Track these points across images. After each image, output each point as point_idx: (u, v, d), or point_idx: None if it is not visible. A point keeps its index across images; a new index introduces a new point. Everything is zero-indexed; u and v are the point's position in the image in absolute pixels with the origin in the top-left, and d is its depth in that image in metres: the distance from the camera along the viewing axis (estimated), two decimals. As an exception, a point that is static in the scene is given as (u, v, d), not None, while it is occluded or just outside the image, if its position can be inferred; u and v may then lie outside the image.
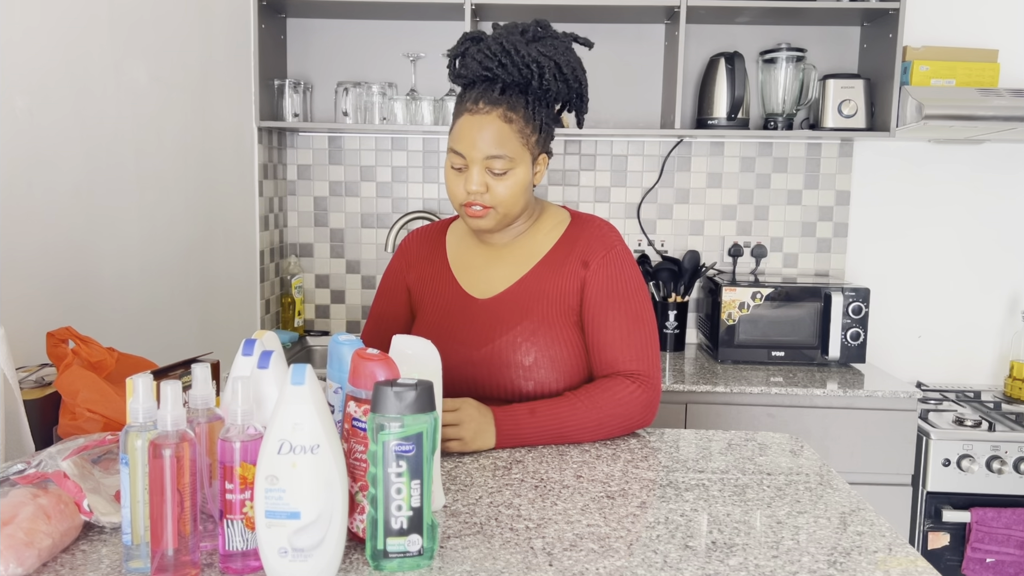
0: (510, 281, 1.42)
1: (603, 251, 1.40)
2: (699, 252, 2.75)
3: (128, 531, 0.86)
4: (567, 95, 1.37)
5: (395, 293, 1.53)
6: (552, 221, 1.46)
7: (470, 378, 1.39)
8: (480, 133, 1.30)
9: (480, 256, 1.46)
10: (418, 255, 1.52)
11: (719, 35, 2.68)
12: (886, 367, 2.74)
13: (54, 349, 1.24)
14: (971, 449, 2.18)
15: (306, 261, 2.84)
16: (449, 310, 1.44)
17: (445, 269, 1.48)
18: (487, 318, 1.40)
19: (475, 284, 1.45)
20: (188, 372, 1.12)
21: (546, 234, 1.45)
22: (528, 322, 1.38)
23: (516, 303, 1.40)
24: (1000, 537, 2.17)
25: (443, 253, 1.50)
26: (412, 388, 0.85)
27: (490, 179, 1.32)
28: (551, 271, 1.41)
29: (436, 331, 1.42)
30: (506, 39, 1.30)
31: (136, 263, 1.80)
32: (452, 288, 1.45)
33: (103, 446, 1.04)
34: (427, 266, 1.50)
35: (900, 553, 0.94)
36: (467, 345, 1.39)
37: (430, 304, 1.47)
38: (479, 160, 1.31)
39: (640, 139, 2.75)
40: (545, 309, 1.39)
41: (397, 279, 1.53)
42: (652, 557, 0.92)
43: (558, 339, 1.37)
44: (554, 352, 1.37)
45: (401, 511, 0.85)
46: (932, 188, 2.73)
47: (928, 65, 2.43)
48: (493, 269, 1.44)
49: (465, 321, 1.41)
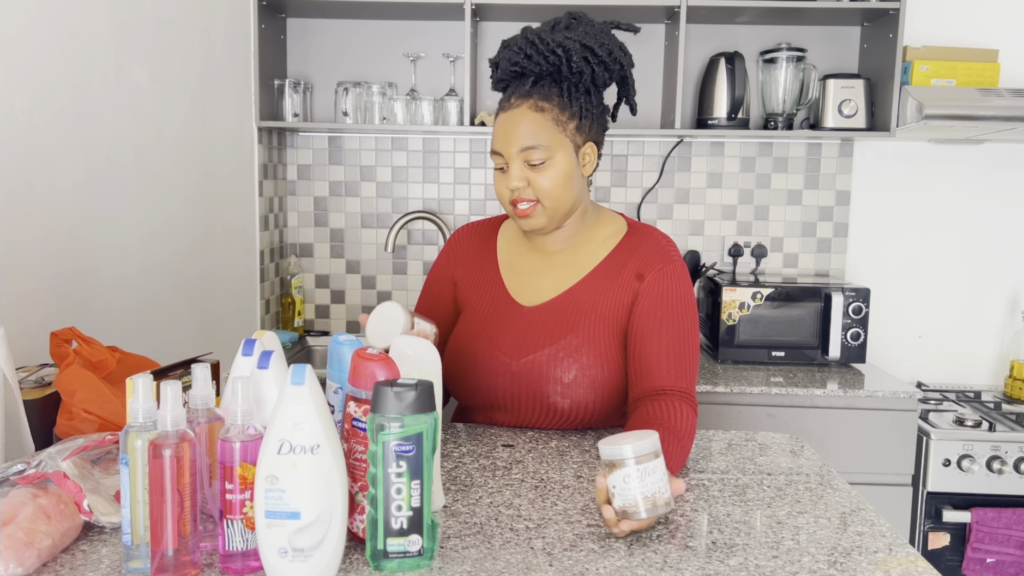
0: (559, 290, 1.37)
1: (660, 264, 1.34)
2: (699, 252, 2.74)
3: (128, 531, 0.86)
4: (607, 78, 1.32)
5: (441, 286, 1.48)
6: (608, 229, 1.40)
7: (505, 388, 1.35)
8: (513, 127, 1.28)
9: (530, 262, 1.41)
10: (468, 251, 1.48)
11: (719, 35, 2.68)
12: (886, 367, 2.74)
13: (57, 349, 1.24)
14: (971, 449, 2.18)
15: (306, 261, 2.84)
16: (493, 315, 1.39)
17: (494, 270, 1.43)
18: (530, 327, 1.36)
19: (523, 290, 1.40)
20: (188, 372, 1.12)
21: (601, 243, 1.39)
22: (573, 336, 1.33)
23: (563, 314, 1.35)
24: (1000, 537, 2.17)
25: (493, 252, 1.45)
26: (412, 388, 0.85)
27: (529, 173, 1.29)
28: (603, 282, 1.36)
29: (477, 336, 1.38)
30: (531, 32, 1.29)
31: (136, 263, 1.80)
32: (499, 291, 1.41)
33: (103, 446, 1.04)
34: (476, 264, 1.46)
35: (900, 553, 0.94)
36: (506, 353, 1.35)
37: (475, 305, 1.43)
38: (515, 154, 1.29)
39: (640, 139, 2.75)
40: (593, 324, 1.33)
41: (444, 273, 1.49)
42: (652, 557, 0.92)
43: (602, 358, 1.32)
44: (595, 373, 1.31)
45: (401, 511, 0.85)
46: (932, 188, 2.73)
47: (928, 65, 2.43)
48: (543, 276, 1.39)
49: (507, 328, 1.37)
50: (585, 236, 1.40)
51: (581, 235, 1.40)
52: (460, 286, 1.46)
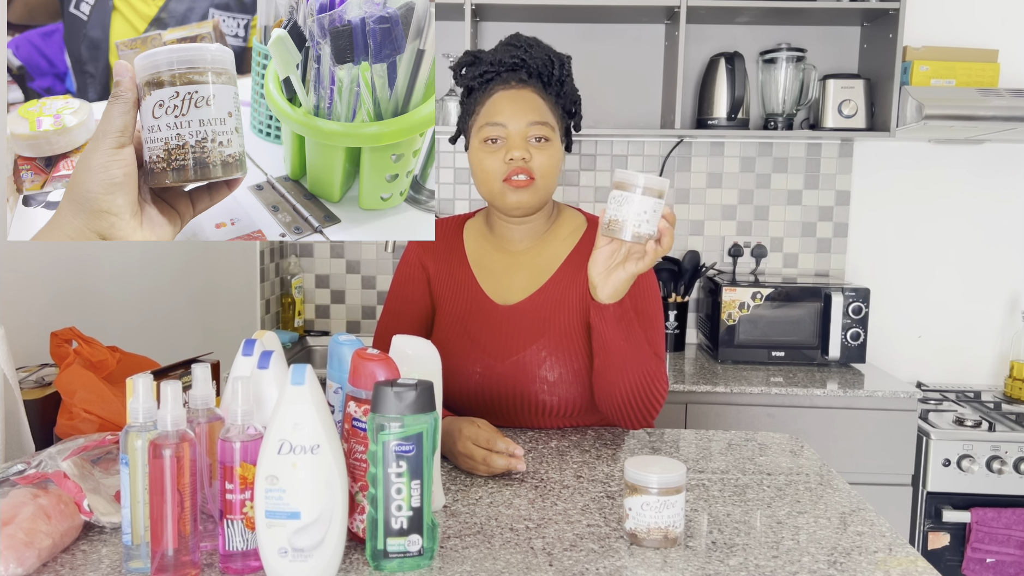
0: (531, 289, 1.41)
1: None
2: (699, 252, 2.74)
3: (128, 531, 0.86)
4: (571, 102, 1.40)
5: (415, 283, 1.47)
6: (569, 227, 1.45)
7: (493, 388, 1.36)
8: (522, 102, 1.32)
9: (498, 261, 1.44)
10: (435, 246, 1.47)
11: (719, 35, 2.68)
12: (886, 367, 2.74)
13: (57, 349, 1.24)
14: (971, 449, 2.18)
15: (306, 261, 2.84)
16: (471, 314, 1.41)
17: (465, 268, 1.45)
18: (510, 327, 1.38)
19: (496, 289, 1.42)
20: (188, 372, 1.12)
21: (563, 240, 1.43)
22: (551, 334, 1.36)
23: (537, 313, 1.38)
24: (1000, 537, 2.17)
25: (461, 250, 1.46)
26: (412, 388, 0.85)
27: (531, 148, 1.32)
28: (569, 278, 1.40)
29: (458, 335, 1.39)
30: (518, 40, 1.36)
31: (136, 263, 1.80)
32: (473, 290, 1.42)
33: (103, 446, 1.04)
34: (445, 261, 1.46)
35: (900, 553, 0.94)
36: (491, 355, 1.37)
37: (450, 304, 1.44)
38: (522, 128, 1.31)
39: (640, 139, 2.75)
40: (567, 320, 1.37)
41: (414, 268, 1.47)
42: (652, 557, 0.92)
43: (580, 352, 1.35)
44: (578, 365, 1.34)
45: (401, 511, 0.85)
46: (932, 188, 2.73)
47: (928, 65, 2.43)
48: (513, 275, 1.42)
49: (487, 328, 1.39)
50: (549, 234, 1.44)
51: (546, 233, 1.44)
52: (434, 282, 1.46)
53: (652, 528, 0.93)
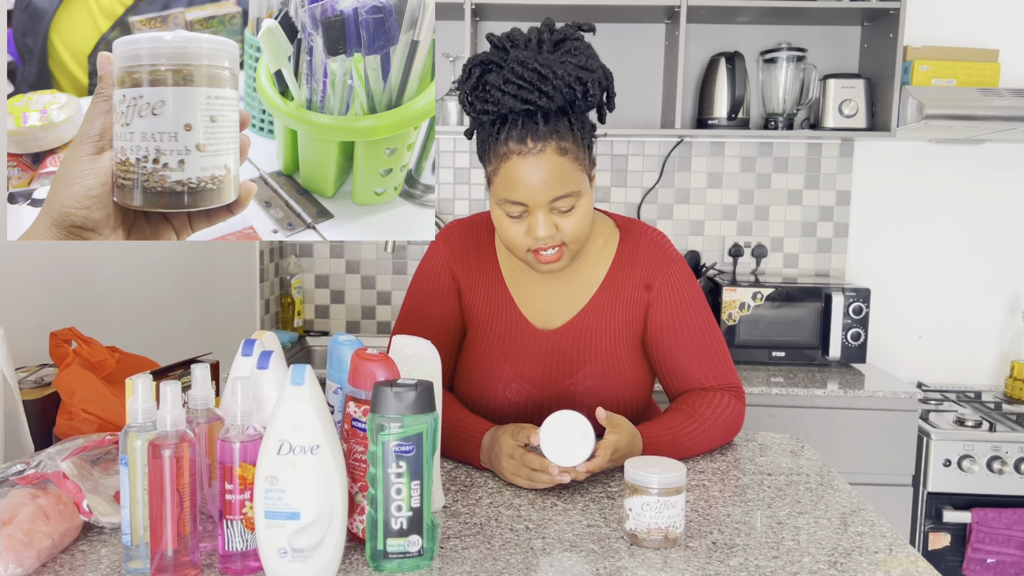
0: (571, 312, 1.32)
1: (663, 268, 1.31)
2: (699, 252, 2.74)
3: (128, 531, 0.85)
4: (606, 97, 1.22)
5: (444, 294, 1.34)
6: (602, 238, 1.34)
7: (535, 419, 1.28)
8: (539, 176, 1.14)
9: (535, 281, 1.33)
10: (464, 251, 1.35)
11: (719, 35, 2.68)
12: (886, 367, 2.74)
13: (57, 349, 1.24)
14: (972, 449, 2.18)
15: (306, 261, 2.84)
16: (510, 339, 1.32)
17: (501, 287, 1.34)
18: (553, 355, 1.31)
19: (535, 313, 1.33)
20: (188, 372, 1.12)
21: (598, 254, 1.34)
22: (596, 362, 1.30)
23: (582, 338, 1.31)
24: (1001, 538, 2.16)
25: (496, 267, 1.35)
26: (412, 388, 0.85)
27: (557, 219, 1.18)
28: (612, 298, 1.32)
29: (498, 362, 1.32)
30: (534, 60, 1.12)
31: (136, 262, 1.80)
32: (511, 311, 1.33)
33: (102, 447, 1.04)
34: (478, 273, 1.35)
35: (901, 554, 0.94)
36: (533, 384, 1.31)
37: (486, 326, 1.34)
38: (544, 205, 1.16)
39: (640, 139, 2.75)
40: (612, 344, 1.31)
41: (444, 278, 1.35)
42: (652, 557, 0.92)
43: (627, 377, 1.31)
44: (625, 392, 1.31)
45: (401, 511, 0.85)
46: (933, 188, 2.73)
47: (929, 65, 2.43)
48: (552, 298, 1.33)
49: (530, 356, 1.32)
50: (584, 249, 1.31)
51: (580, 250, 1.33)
52: (466, 297, 1.35)
53: (652, 528, 0.93)
